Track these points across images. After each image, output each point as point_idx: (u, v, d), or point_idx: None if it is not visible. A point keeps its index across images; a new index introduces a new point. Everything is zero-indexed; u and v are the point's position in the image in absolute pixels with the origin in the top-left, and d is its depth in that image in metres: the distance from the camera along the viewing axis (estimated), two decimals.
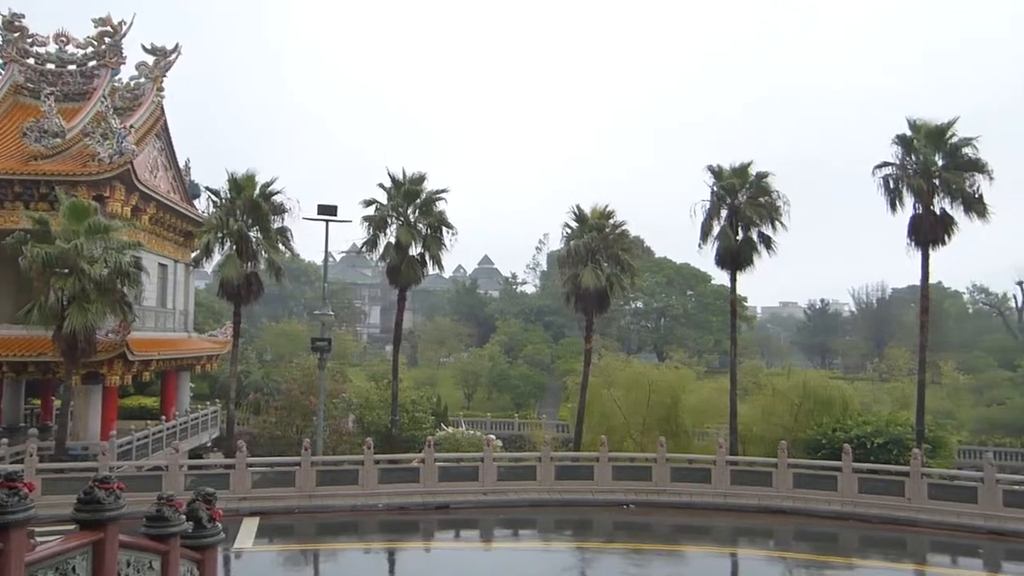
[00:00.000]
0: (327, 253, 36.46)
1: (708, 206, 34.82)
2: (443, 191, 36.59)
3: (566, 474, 27.82)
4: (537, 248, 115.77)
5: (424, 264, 36.78)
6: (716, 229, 34.54)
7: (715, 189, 34.75)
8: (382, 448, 32.37)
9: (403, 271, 36.06)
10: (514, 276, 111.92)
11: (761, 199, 34.09)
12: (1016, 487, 25.32)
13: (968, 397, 60.71)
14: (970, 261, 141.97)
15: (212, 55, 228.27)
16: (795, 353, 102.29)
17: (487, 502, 26.53)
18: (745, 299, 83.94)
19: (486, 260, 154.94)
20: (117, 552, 8.24)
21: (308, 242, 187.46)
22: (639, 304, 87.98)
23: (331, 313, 35.62)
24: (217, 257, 34.92)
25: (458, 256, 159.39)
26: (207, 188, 36.60)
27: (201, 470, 27.42)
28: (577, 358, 49.75)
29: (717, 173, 34.77)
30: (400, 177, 36.53)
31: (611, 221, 36.34)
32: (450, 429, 40.34)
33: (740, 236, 34.29)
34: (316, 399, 35.65)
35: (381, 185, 36.66)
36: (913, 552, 23.46)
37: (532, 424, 57.40)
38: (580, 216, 36.62)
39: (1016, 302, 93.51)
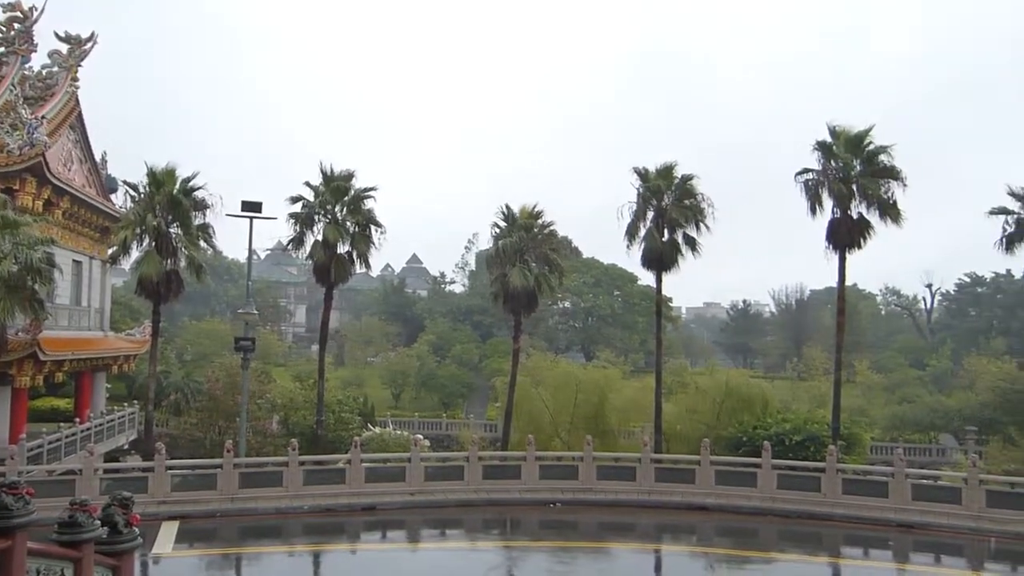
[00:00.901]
0: (251, 251, 35.64)
1: (634, 207, 35.33)
2: (372, 189, 36.24)
3: (494, 474, 27.85)
4: (466, 247, 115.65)
5: (352, 263, 36.33)
6: (642, 230, 35.06)
7: (641, 191, 35.27)
8: (307, 449, 31.84)
9: (330, 269, 35.54)
10: (443, 275, 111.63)
11: (686, 201, 34.78)
12: (924, 481, 26.52)
13: (880, 395, 63.32)
14: (884, 264, 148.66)
15: (148, 46, 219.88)
16: (718, 353, 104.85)
17: (414, 503, 26.36)
18: (670, 299, 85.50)
19: (415, 259, 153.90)
20: (25, 560, 7.87)
21: (232, 239, 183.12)
22: (567, 304, 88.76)
23: (255, 312, 34.80)
24: (136, 254, 33.71)
25: (386, 255, 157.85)
26: (125, 182, 35.29)
27: (118, 474, 26.44)
28: (505, 358, 49.90)
29: (643, 175, 35.31)
30: (329, 174, 35.98)
31: (540, 221, 36.55)
32: (377, 429, 39.96)
33: (666, 237, 34.91)
34: (239, 400, 34.78)
35: (308, 183, 36.06)
36: (828, 545, 24.33)
37: (460, 424, 57.33)
38: (509, 216, 36.72)
39: (925, 304, 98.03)
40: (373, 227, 36.13)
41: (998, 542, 23.18)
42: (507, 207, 36.90)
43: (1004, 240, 34.37)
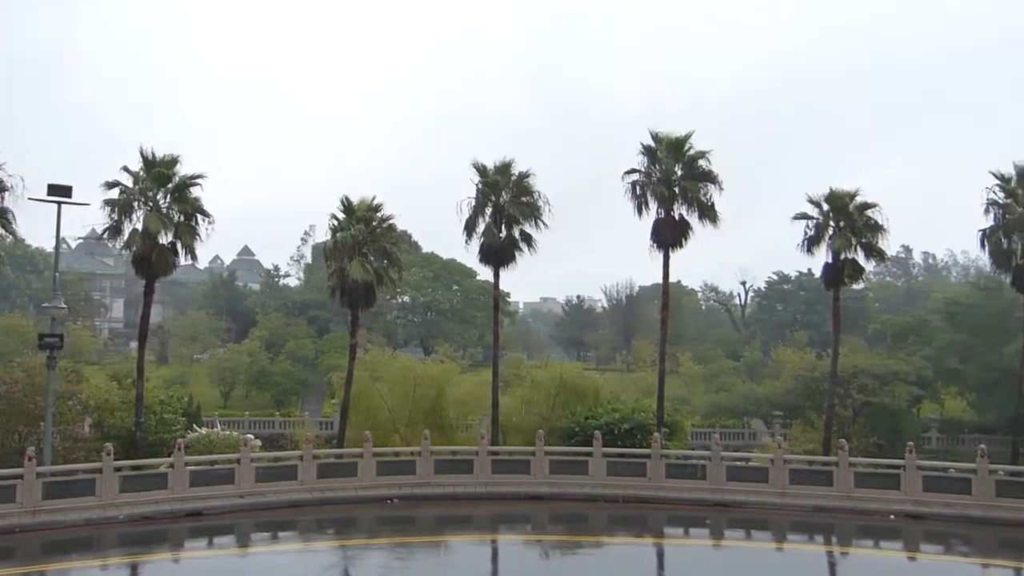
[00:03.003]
0: (59, 239, 32.79)
1: (474, 203, 35.65)
2: (199, 176, 34.14)
3: (329, 472, 27.28)
4: (302, 240, 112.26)
5: (176, 254, 34.14)
6: (481, 226, 35.47)
7: (480, 186, 35.65)
8: (125, 454, 29.80)
9: (152, 261, 33.23)
10: (276, 268, 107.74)
11: (524, 198, 35.48)
12: (737, 463, 28.62)
13: (700, 385, 67.59)
14: (713, 261, 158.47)
15: None
16: (554, 346, 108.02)
17: (244, 505, 25.32)
18: (508, 294, 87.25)
19: (246, 251, 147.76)
20: None
21: (38, 226, 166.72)
22: (406, 299, 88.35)
23: (63, 306, 31.94)
24: None
25: (216, 246, 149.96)
26: None
27: None
28: (343, 353, 48.85)
29: (482, 170, 35.68)
30: (151, 159, 33.62)
31: (379, 214, 36.03)
32: (204, 430, 37.93)
33: (503, 234, 35.47)
34: (43, 402, 31.85)
35: (126, 168, 33.50)
36: (653, 527, 25.72)
37: (295, 422, 55.79)
38: (348, 208, 35.94)
39: (740, 300, 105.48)
40: (200, 216, 34.16)
41: (799, 515, 25.41)
42: (346, 199, 36.10)
43: (806, 242, 37.56)
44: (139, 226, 33.26)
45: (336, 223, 35.91)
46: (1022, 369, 36.79)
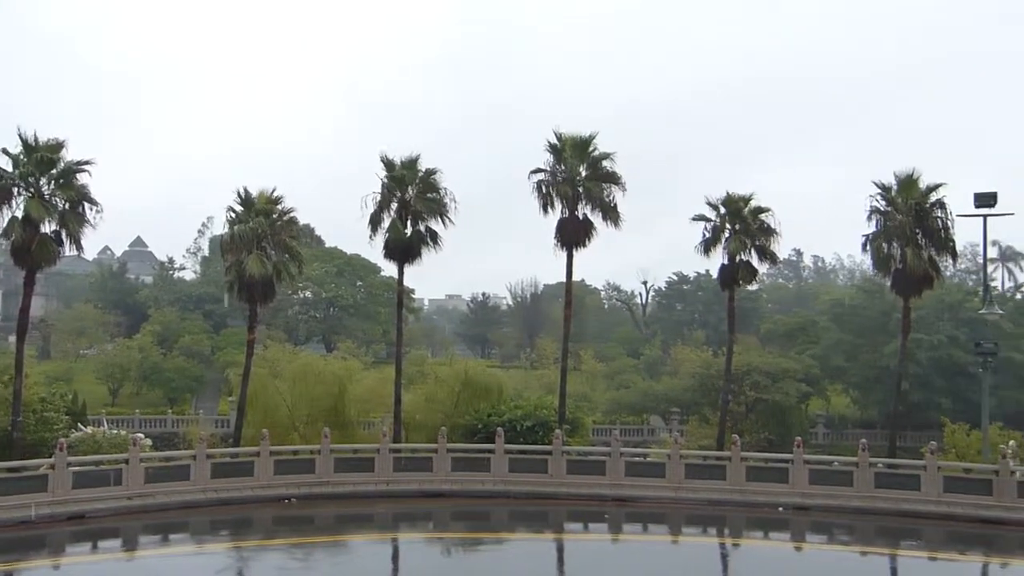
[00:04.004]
0: None
1: (379, 198, 35.20)
2: (87, 162, 32.37)
3: (224, 471, 26.49)
4: (199, 232, 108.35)
5: (60, 243, 32.34)
6: (386, 221, 35.05)
7: (386, 181, 35.23)
8: (1, 455, 28.06)
9: (33, 251, 31.37)
10: (171, 260, 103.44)
11: (430, 194, 35.24)
12: (636, 459, 29.29)
13: (602, 382, 68.84)
14: (614, 261, 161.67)
15: None
16: (458, 343, 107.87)
17: (133, 507, 24.28)
18: (413, 291, 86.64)
19: (139, 242, 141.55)
20: None
21: None
22: (308, 294, 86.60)
23: None
24: None
25: (106, 236, 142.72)
26: None
27: None
28: (240, 349, 47.42)
29: (388, 165, 35.27)
30: (32, 143, 31.69)
31: (279, 207, 35.09)
32: (89, 429, 36.07)
33: (409, 230, 35.16)
34: None
35: (5, 151, 31.50)
36: (553, 523, 26.06)
37: (188, 420, 53.96)
38: (246, 200, 34.84)
39: (641, 299, 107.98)
40: (87, 204, 32.45)
41: (694, 509, 26.23)
42: (244, 190, 34.99)
43: (703, 244, 38.74)
44: (19, 213, 31.35)
45: (234, 215, 34.79)
46: (900, 368, 39.02)
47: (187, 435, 47.25)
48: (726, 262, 38.39)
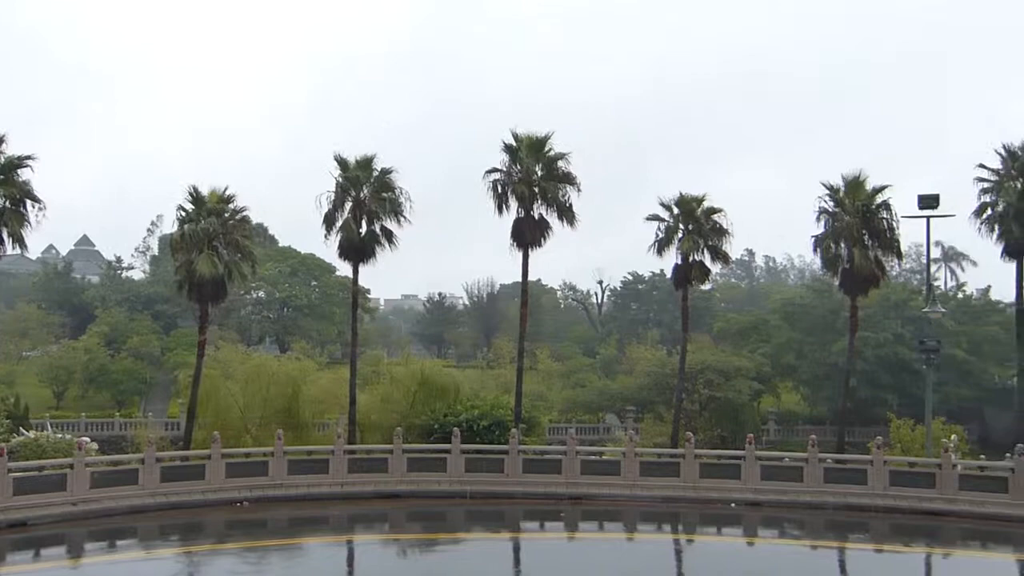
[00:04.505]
0: None
1: (333, 197, 34.88)
2: (28, 157, 31.51)
3: (174, 475, 26.07)
4: (149, 230, 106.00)
5: (1, 242, 31.44)
6: (340, 220, 34.76)
7: (340, 180, 34.93)
8: None
9: None
10: (119, 260, 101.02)
11: (385, 193, 35.04)
12: (591, 457, 29.44)
13: (558, 381, 69.04)
14: (572, 261, 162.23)
15: None
16: (415, 343, 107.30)
17: (78, 513, 23.62)
18: (368, 291, 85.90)
19: (85, 241, 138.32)
20: None
21: None
22: (261, 294, 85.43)
23: None
24: None
25: (50, 235, 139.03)
26: None
27: None
28: (191, 350, 46.60)
29: (343, 164, 34.98)
30: None
31: (231, 206, 34.57)
32: (32, 434, 35.07)
33: (363, 229, 34.93)
34: None
35: None
36: (510, 522, 26.08)
37: (137, 423, 52.94)
38: (197, 198, 34.24)
39: (596, 299, 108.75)
40: (30, 202, 31.57)
41: (649, 506, 26.48)
42: (195, 189, 34.40)
43: (657, 244, 39.13)
44: None
45: (184, 214, 34.18)
46: (848, 365, 39.94)
47: (136, 438, 46.36)
48: (680, 262, 38.84)
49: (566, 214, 35.67)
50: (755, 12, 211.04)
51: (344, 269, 64.18)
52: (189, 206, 34.26)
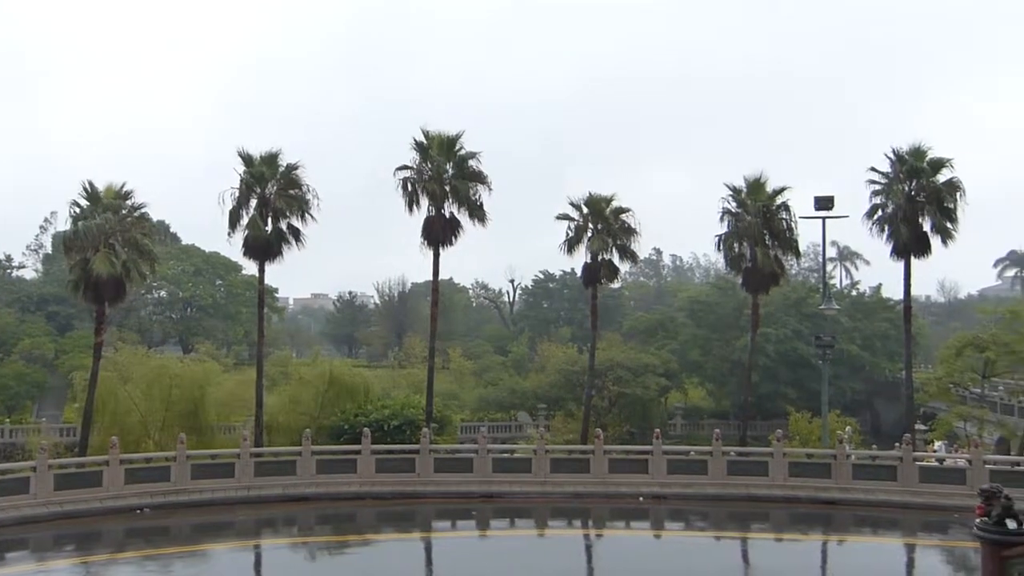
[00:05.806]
0: None
1: (238, 194, 33.96)
2: None
3: (69, 483, 24.90)
4: (41, 228, 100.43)
5: None
6: (245, 218, 33.86)
7: (244, 176, 34.02)
8: None
9: None
10: (9, 258, 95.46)
11: (292, 191, 34.32)
12: (503, 455, 29.66)
13: (470, 380, 69.20)
14: (489, 261, 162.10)
15: None
16: (325, 343, 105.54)
17: None
18: (276, 290, 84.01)
19: None
20: None
21: None
22: (163, 294, 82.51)
23: None
24: None
25: None
26: None
27: None
28: (88, 352, 44.54)
29: (247, 160, 34.07)
30: None
31: (129, 202, 33.25)
32: None
33: (270, 227, 34.14)
34: None
35: None
36: (421, 522, 26.00)
37: (29, 429, 50.12)
38: (92, 194, 32.78)
39: (508, 297, 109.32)
40: None
41: (560, 502, 26.86)
42: (90, 184, 32.93)
43: (567, 243, 39.62)
44: None
45: (78, 211, 32.66)
46: (751, 360, 41.44)
47: (27, 445, 44.03)
48: (589, 261, 39.42)
49: (477, 213, 35.74)
50: (680, 19, 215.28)
51: (251, 268, 62.75)
52: (84, 202, 32.80)
